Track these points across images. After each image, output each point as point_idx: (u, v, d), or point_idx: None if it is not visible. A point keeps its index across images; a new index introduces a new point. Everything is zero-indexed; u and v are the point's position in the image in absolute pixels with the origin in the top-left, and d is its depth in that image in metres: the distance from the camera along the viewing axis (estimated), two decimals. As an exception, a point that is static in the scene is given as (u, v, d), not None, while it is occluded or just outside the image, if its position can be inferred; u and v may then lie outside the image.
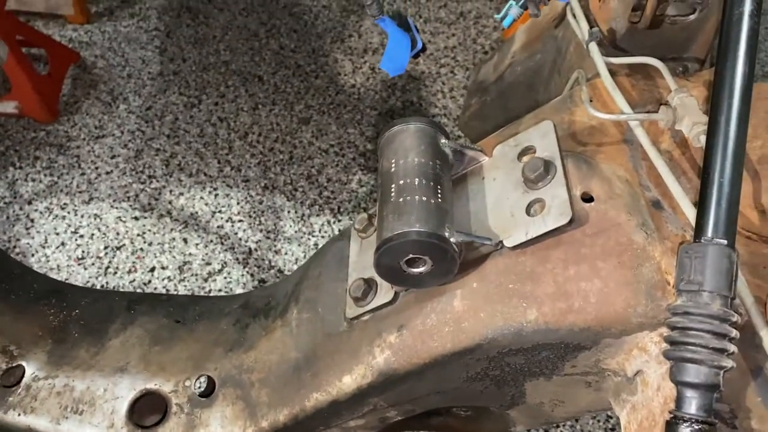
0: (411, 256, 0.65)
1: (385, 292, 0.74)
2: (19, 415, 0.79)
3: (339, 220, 2.04)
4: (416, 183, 0.67)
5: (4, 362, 0.82)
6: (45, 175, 2.01)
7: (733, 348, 0.54)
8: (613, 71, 0.84)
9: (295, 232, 1.99)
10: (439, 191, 0.67)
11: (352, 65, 2.41)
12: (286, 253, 1.95)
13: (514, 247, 0.67)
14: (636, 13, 0.89)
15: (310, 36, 2.47)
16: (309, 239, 1.99)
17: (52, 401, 0.80)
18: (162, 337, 0.88)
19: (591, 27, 0.89)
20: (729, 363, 0.53)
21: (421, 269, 0.66)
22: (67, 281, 1.80)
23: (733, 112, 0.58)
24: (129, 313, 0.91)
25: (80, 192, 1.98)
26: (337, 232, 2.00)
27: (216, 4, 2.49)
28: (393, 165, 0.70)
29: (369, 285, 0.76)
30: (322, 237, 2.01)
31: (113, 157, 2.06)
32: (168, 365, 0.84)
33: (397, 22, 1.03)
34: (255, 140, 2.16)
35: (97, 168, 2.04)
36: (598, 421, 1.70)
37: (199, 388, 0.83)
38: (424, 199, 0.66)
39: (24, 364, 0.83)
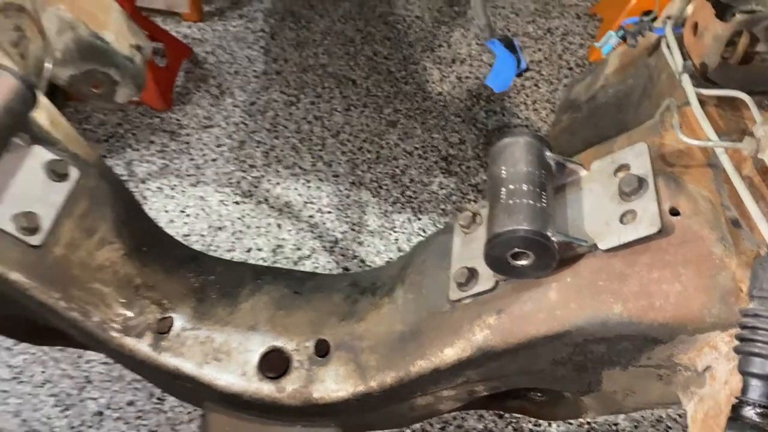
0: (517, 250, 0.77)
1: (485, 280, 0.86)
2: (170, 357, 0.95)
3: (419, 219, 2.17)
4: (524, 188, 0.79)
5: (159, 312, 0.98)
6: (158, 158, 2.23)
7: (796, 347, 0.63)
8: (702, 101, 0.93)
9: (378, 226, 2.13)
10: (544, 197, 0.79)
11: (440, 74, 2.53)
12: (368, 246, 2.09)
13: (607, 250, 0.77)
14: (728, 48, 0.97)
15: (403, 44, 2.61)
16: (390, 234, 2.12)
17: (197, 349, 0.96)
18: (284, 304, 1.03)
19: (684, 60, 0.98)
20: (791, 359, 0.63)
21: (524, 262, 0.78)
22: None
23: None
24: (256, 282, 1.06)
25: (188, 175, 2.19)
26: (416, 230, 2.13)
27: (317, 10, 2.67)
28: (503, 171, 0.82)
29: (471, 273, 0.88)
30: (402, 233, 2.15)
31: (219, 145, 2.26)
32: (291, 328, 0.98)
33: (505, 44, 1.15)
34: (346, 139, 2.32)
35: (204, 155, 2.24)
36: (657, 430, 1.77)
37: (317, 349, 0.97)
38: (531, 202, 0.77)
39: (174, 316, 0.99)
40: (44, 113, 0.98)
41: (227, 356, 0.95)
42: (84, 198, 0.97)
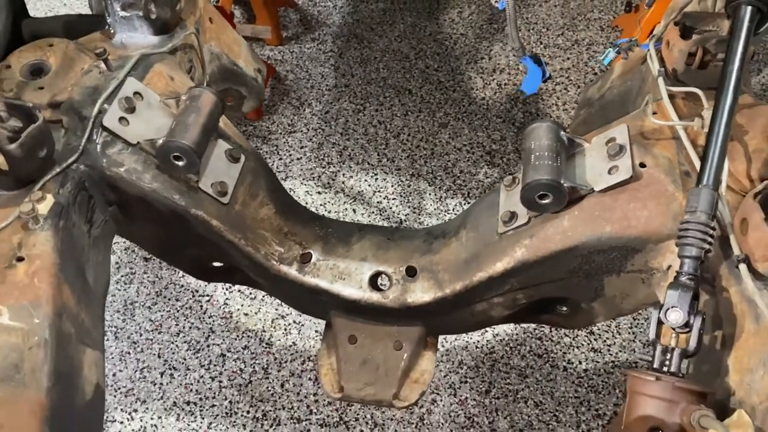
0: (541, 192, 1.20)
1: (522, 218, 1.29)
2: (311, 278, 1.41)
3: (468, 202, 2.60)
4: (546, 154, 1.22)
5: (300, 249, 1.44)
6: (253, 158, 2.73)
7: (711, 240, 1.05)
8: (673, 95, 1.35)
9: (434, 209, 2.58)
10: (559, 159, 1.22)
11: (483, 82, 2.97)
12: (427, 225, 2.54)
13: (600, 191, 1.20)
14: (691, 58, 1.39)
15: (450, 58, 3.06)
16: (445, 215, 2.57)
17: (328, 272, 1.42)
18: (383, 246, 1.48)
19: (660, 67, 1.40)
20: (707, 246, 1.04)
21: (545, 201, 1.22)
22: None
23: (723, 122, 1.10)
24: (361, 232, 1.52)
25: (279, 172, 2.67)
26: (467, 212, 2.56)
27: (377, 32, 3.14)
28: (533, 144, 1.25)
29: (513, 214, 1.31)
30: (455, 214, 2.59)
31: (301, 147, 2.75)
32: (389, 259, 1.44)
33: (534, 60, 1.60)
34: (405, 139, 2.78)
35: (290, 155, 2.73)
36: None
37: (407, 272, 1.42)
38: (550, 162, 1.21)
39: (311, 251, 1.45)
40: (221, 119, 1.46)
41: (348, 276, 1.41)
42: (249, 173, 1.45)
